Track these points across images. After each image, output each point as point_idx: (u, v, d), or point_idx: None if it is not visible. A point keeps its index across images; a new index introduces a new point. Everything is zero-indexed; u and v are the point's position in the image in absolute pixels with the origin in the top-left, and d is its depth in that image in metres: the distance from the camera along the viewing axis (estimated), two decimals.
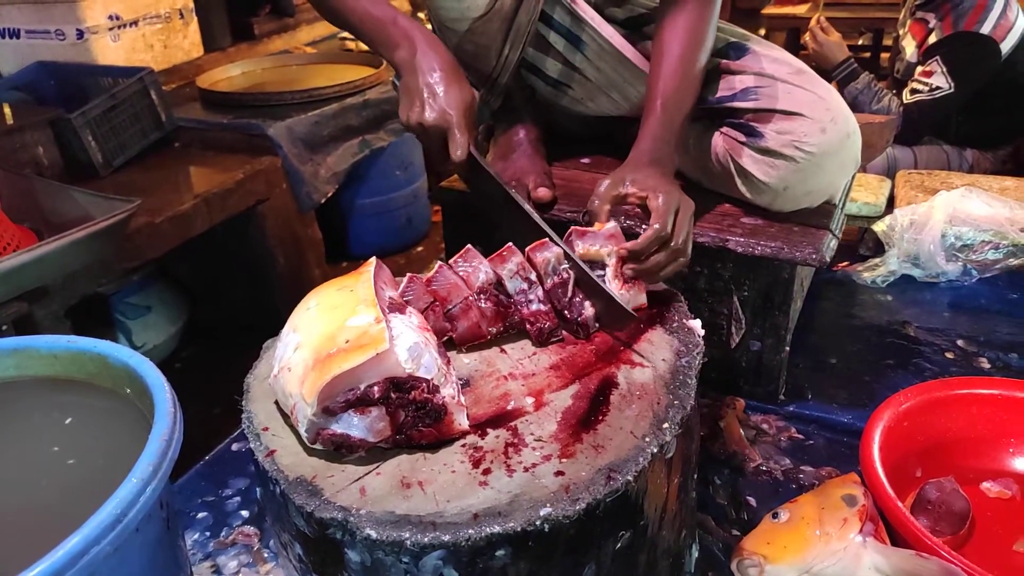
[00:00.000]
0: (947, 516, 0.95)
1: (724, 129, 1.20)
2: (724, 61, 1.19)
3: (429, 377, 0.75)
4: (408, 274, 0.94)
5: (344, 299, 0.82)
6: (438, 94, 1.01)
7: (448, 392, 0.75)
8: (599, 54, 1.21)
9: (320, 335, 0.77)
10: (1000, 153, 2.31)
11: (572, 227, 0.96)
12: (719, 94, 1.19)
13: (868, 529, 0.86)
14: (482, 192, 1.08)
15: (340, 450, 0.74)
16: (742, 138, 1.17)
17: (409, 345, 0.76)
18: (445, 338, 0.90)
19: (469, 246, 0.94)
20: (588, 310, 0.91)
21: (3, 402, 0.79)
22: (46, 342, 0.80)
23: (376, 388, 0.72)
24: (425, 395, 0.73)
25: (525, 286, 0.91)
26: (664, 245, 0.93)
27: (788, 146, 1.12)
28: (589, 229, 0.96)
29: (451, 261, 0.93)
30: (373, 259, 0.90)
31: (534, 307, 0.90)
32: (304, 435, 0.74)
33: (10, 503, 0.70)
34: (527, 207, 1.01)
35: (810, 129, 1.11)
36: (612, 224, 0.96)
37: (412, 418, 0.73)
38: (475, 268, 0.91)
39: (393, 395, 0.73)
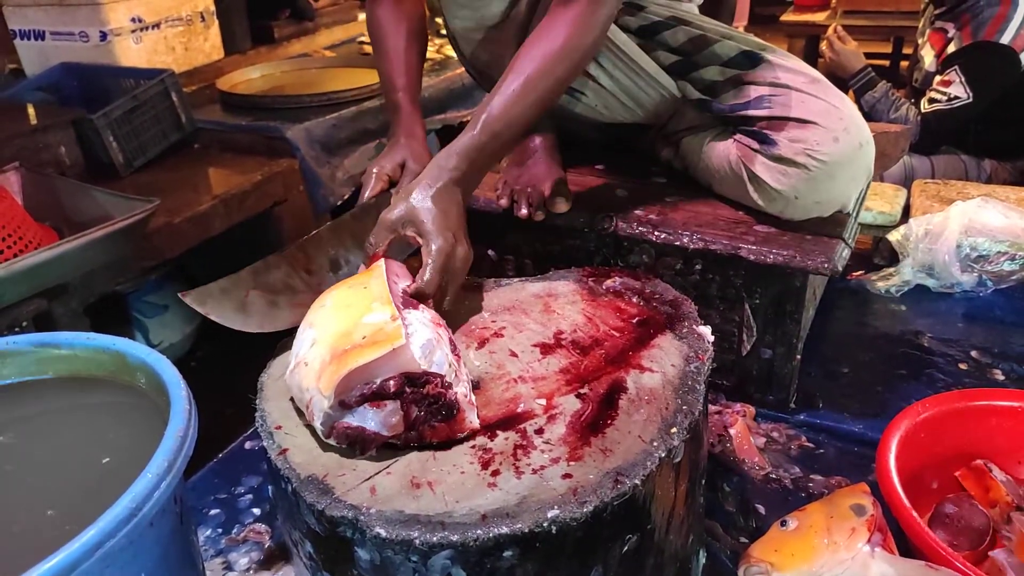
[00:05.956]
0: (966, 531, 0.94)
1: (737, 136, 1.20)
2: (738, 71, 1.19)
3: (442, 373, 0.76)
4: None
5: (358, 297, 0.84)
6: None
7: (460, 390, 0.77)
8: (613, 62, 1.22)
9: (336, 332, 0.78)
10: (1019, 164, 2.29)
11: None
12: (732, 102, 1.20)
13: (876, 539, 0.85)
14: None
15: (353, 445, 0.75)
16: (755, 145, 1.17)
17: (422, 342, 0.77)
18: None
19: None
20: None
21: (25, 398, 0.81)
22: (66, 338, 0.82)
23: (392, 382, 0.74)
24: (439, 390, 0.75)
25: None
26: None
27: (801, 154, 1.12)
28: None
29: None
30: (381, 260, 0.91)
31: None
32: (319, 428, 0.75)
33: (33, 498, 0.71)
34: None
35: (823, 138, 1.11)
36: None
37: (425, 414, 0.75)
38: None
39: (408, 390, 0.74)
